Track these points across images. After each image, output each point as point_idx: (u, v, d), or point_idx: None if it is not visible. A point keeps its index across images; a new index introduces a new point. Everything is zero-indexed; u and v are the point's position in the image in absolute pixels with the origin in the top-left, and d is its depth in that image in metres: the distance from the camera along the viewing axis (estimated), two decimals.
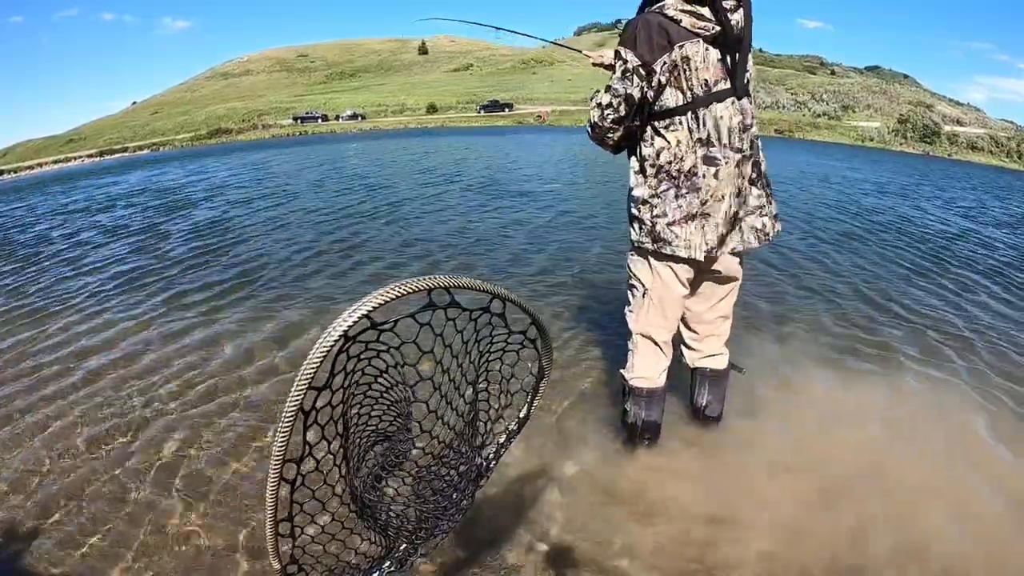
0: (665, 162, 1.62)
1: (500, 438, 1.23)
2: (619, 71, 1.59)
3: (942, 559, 1.46)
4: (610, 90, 1.62)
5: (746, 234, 1.67)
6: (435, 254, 4.77)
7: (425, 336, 0.84)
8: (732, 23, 1.53)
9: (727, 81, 1.58)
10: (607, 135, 1.70)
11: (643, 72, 1.56)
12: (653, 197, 1.65)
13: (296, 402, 0.69)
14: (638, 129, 1.69)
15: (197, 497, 1.83)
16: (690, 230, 1.62)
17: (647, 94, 1.59)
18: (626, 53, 1.57)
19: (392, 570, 1.13)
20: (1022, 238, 6.71)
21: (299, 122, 52.68)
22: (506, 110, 51.66)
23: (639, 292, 1.81)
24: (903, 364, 2.71)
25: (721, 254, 1.67)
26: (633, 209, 1.73)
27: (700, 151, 1.59)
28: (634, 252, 1.80)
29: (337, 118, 53.70)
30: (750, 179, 1.65)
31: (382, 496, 1.18)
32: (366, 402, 1.04)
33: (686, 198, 1.61)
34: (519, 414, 1.22)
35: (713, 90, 1.57)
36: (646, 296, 1.79)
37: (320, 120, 53.11)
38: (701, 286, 1.84)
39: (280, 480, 0.73)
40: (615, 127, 1.67)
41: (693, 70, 1.55)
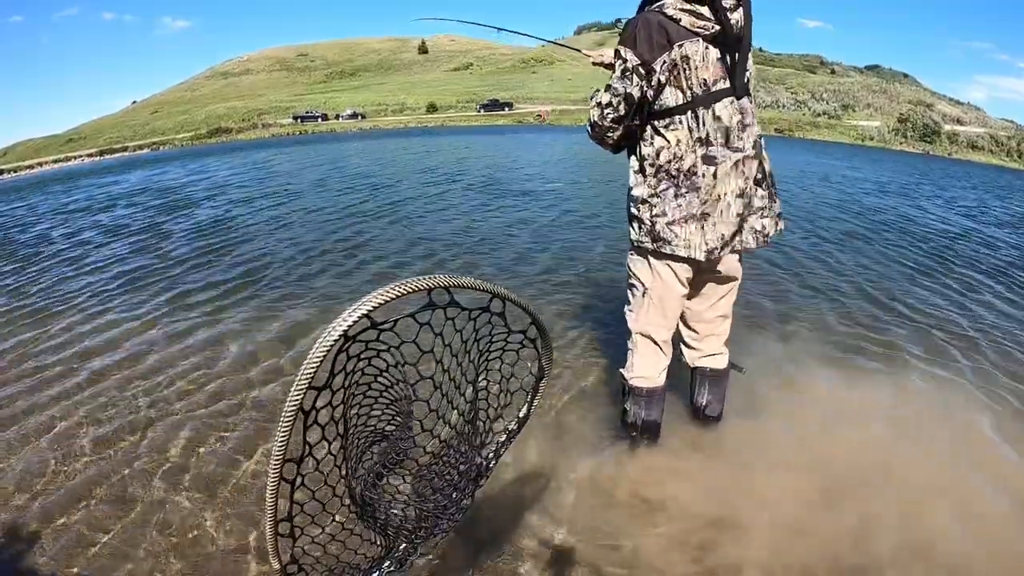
0: (665, 161, 1.61)
1: (500, 437, 1.23)
2: (619, 70, 1.59)
3: (945, 559, 1.46)
4: (610, 89, 1.62)
5: (745, 235, 1.67)
6: (439, 253, 4.76)
7: (425, 336, 0.84)
8: (732, 22, 1.53)
9: (727, 80, 1.58)
10: (607, 134, 1.70)
11: (643, 71, 1.56)
12: (652, 196, 1.65)
13: (296, 402, 0.69)
14: (638, 128, 1.68)
15: (206, 498, 1.82)
16: (690, 230, 1.61)
17: (647, 93, 1.59)
18: (626, 52, 1.57)
19: (392, 570, 1.13)
20: None
21: (299, 121, 52.65)
22: (506, 109, 51.62)
23: (639, 291, 1.81)
24: (907, 363, 2.71)
25: (724, 255, 1.66)
26: (632, 208, 1.73)
27: (700, 150, 1.59)
28: (634, 251, 1.80)
29: (337, 117, 53.67)
30: (755, 179, 1.64)
31: (382, 496, 1.18)
32: (366, 402, 1.04)
33: (685, 197, 1.60)
34: (519, 413, 1.22)
35: (713, 89, 1.57)
36: (646, 295, 1.79)
37: (320, 119, 53.06)
38: (701, 285, 1.84)
39: (280, 480, 0.73)
40: (615, 126, 1.67)
41: (693, 69, 1.54)
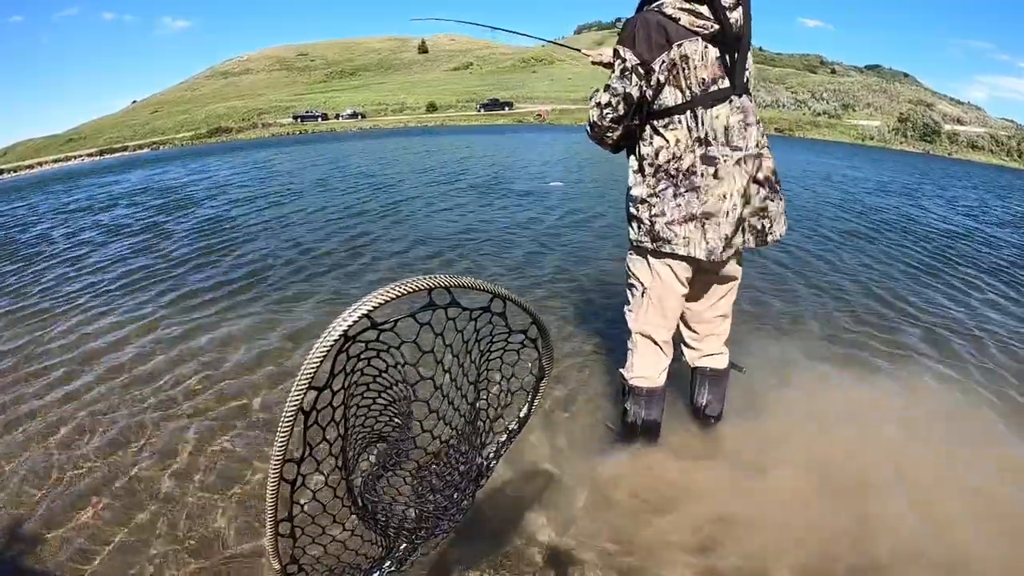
0: (664, 161, 1.61)
1: (501, 437, 1.23)
2: (618, 70, 1.59)
3: (946, 559, 1.46)
4: (609, 89, 1.62)
5: (747, 234, 1.66)
6: (445, 254, 4.73)
7: (425, 335, 0.84)
8: (731, 21, 1.53)
9: (727, 80, 1.57)
10: (606, 134, 1.70)
11: (642, 71, 1.56)
12: (651, 196, 1.65)
13: (296, 402, 0.69)
14: (637, 128, 1.68)
15: (215, 499, 1.80)
16: (689, 229, 1.61)
17: (646, 93, 1.58)
18: (625, 52, 1.57)
19: (392, 570, 1.13)
20: None
21: (299, 121, 52.69)
22: (506, 109, 51.64)
23: (638, 291, 1.81)
24: (912, 362, 2.70)
25: (726, 256, 1.64)
26: (632, 208, 1.72)
27: (699, 150, 1.58)
28: (633, 251, 1.80)
29: (337, 117, 53.70)
30: (757, 178, 1.63)
31: (382, 496, 1.17)
32: (365, 402, 1.04)
33: (684, 197, 1.60)
34: (520, 413, 1.22)
35: (712, 89, 1.56)
36: (645, 295, 1.78)
37: (320, 119, 53.09)
38: (701, 285, 1.84)
39: (280, 480, 0.72)
40: (614, 126, 1.67)
41: (692, 69, 1.54)
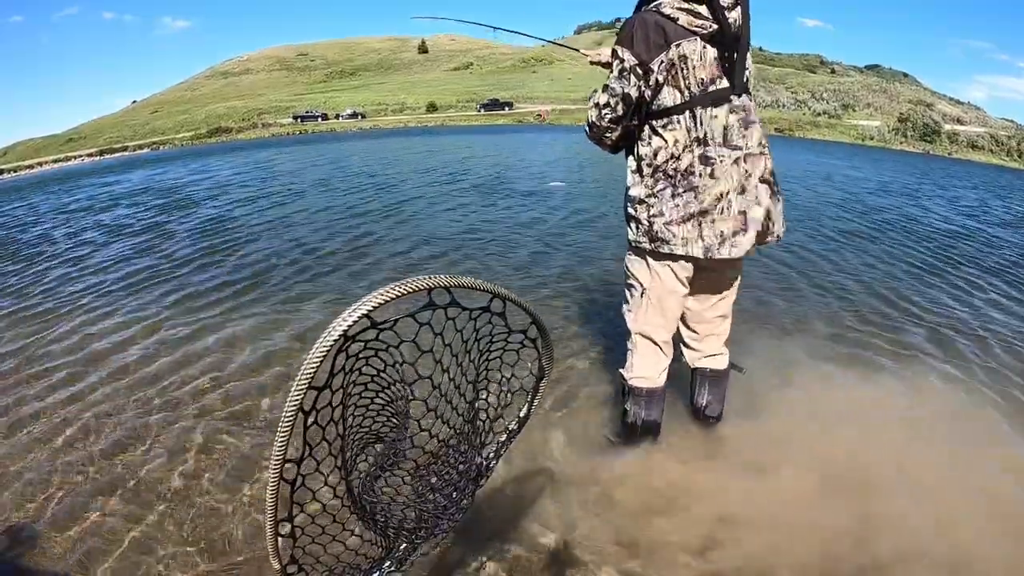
0: (662, 161, 1.61)
1: (500, 437, 1.23)
2: (616, 70, 1.59)
3: (950, 559, 1.46)
4: (607, 89, 1.62)
5: (746, 234, 1.63)
6: (450, 254, 4.71)
7: (425, 335, 0.84)
8: (730, 21, 1.52)
9: (726, 79, 1.57)
10: (605, 135, 1.70)
11: (640, 71, 1.55)
12: (650, 196, 1.64)
13: (296, 402, 0.69)
14: (636, 128, 1.68)
15: (224, 499, 1.78)
16: (687, 228, 1.60)
17: (644, 93, 1.58)
18: (623, 52, 1.56)
19: (392, 570, 1.13)
20: None
21: (299, 121, 52.69)
22: (506, 109, 51.64)
23: (637, 292, 1.81)
24: (913, 362, 2.70)
25: (726, 255, 1.62)
26: (630, 209, 1.72)
27: (698, 150, 1.58)
28: (631, 252, 1.79)
29: (337, 117, 53.71)
30: (758, 177, 1.62)
31: (382, 496, 1.17)
32: (364, 402, 1.04)
33: (683, 197, 1.59)
34: (519, 413, 1.22)
35: (711, 89, 1.56)
36: (644, 296, 1.78)
37: (320, 119, 53.10)
38: (701, 285, 1.83)
39: (280, 480, 0.72)
40: (613, 127, 1.66)
41: (691, 69, 1.54)
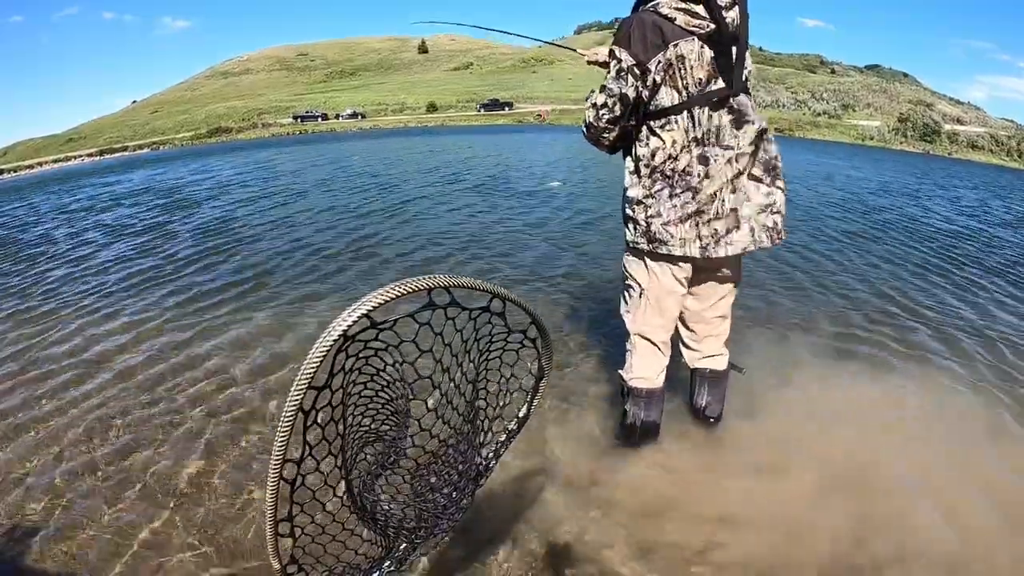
0: (660, 162, 1.61)
1: (500, 437, 1.23)
2: (613, 71, 1.59)
3: (957, 557, 1.46)
4: (605, 90, 1.62)
5: (757, 233, 1.63)
6: (456, 255, 4.70)
7: (425, 335, 0.84)
8: (727, 20, 1.52)
9: (723, 79, 1.56)
10: (602, 135, 1.70)
11: (637, 72, 1.55)
12: (647, 197, 1.64)
13: (296, 402, 0.69)
14: (633, 129, 1.68)
15: (232, 502, 1.76)
16: (685, 229, 1.61)
17: (642, 93, 1.58)
18: (620, 52, 1.56)
19: (392, 570, 1.13)
20: None
21: (299, 121, 52.68)
22: (506, 109, 51.62)
23: (635, 293, 1.81)
24: (916, 361, 2.70)
25: (722, 253, 1.63)
26: (628, 209, 1.72)
27: (695, 150, 1.58)
28: (629, 252, 1.79)
29: (337, 117, 53.69)
30: (751, 175, 1.62)
31: (382, 495, 1.18)
32: (363, 401, 1.04)
33: (680, 197, 1.60)
34: (519, 413, 1.22)
35: (708, 88, 1.56)
36: (643, 296, 1.78)
37: (320, 119, 53.07)
38: (700, 285, 1.83)
39: (280, 480, 0.72)
40: (610, 127, 1.66)
41: (688, 69, 1.54)
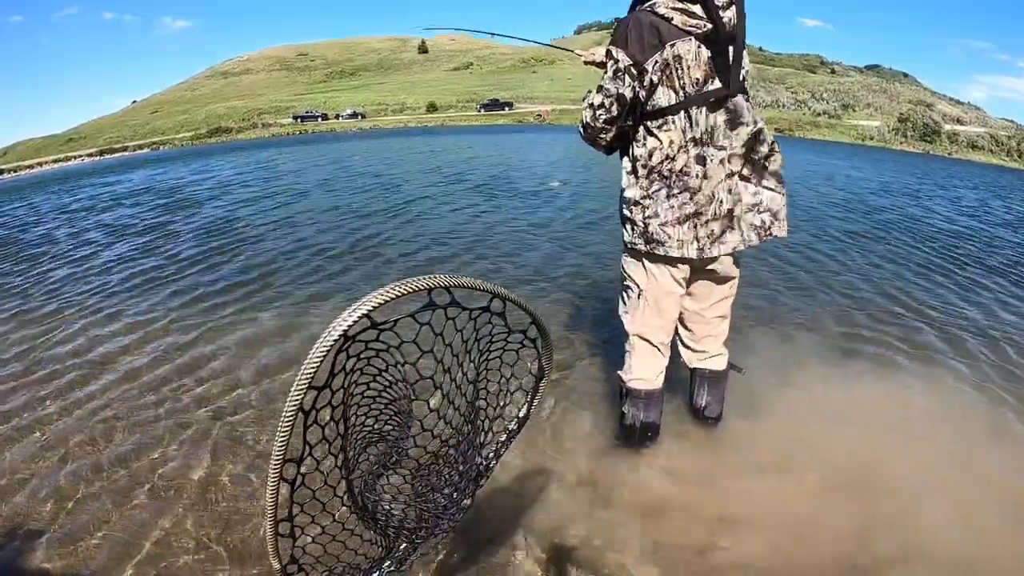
0: (657, 162, 1.61)
1: (500, 437, 1.23)
2: (610, 71, 1.59)
3: (948, 560, 1.46)
4: (602, 90, 1.61)
5: (746, 232, 1.65)
6: (461, 255, 4.69)
7: (425, 335, 0.84)
8: (724, 20, 1.52)
9: (720, 79, 1.56)
10: (599, 135, 1.69)
11: (635, 72, 1.55)
12: (645, 198, 1.64)
13: (296, 402, 0.69)
14: (630, 129, 1.68)
15: (240, 503, 1.76)
16: (682, 230, 1.61)
17: (639, 94, 1.58)
18: (617, 52, 1.56)
19: (392, 570, 1.13)
20: None
21: (299, 121, 52.65)
22: (506, 109, 51.59)
23: (634, 294, 1.80)
24: (921, 361, 2.70)
25: (715, 253, 1.64)
26: (625, 210, 1.72)
27: (693, 151, 1.58)
28: (627, 253, 1.79)
29: (337, 117, 53.66)
30: (742, 175, 1.62)
31: (382, 496, 1.18)
32: (365, 401, 1.04)
33: (677, 198, 1.59)
34: (519, 414, 1.22)
35: (705, 88, 1.56)
36: (641, 297, 1.78)
37: (320, 119, 53.05)
38: (698, 286, 1.83)
39: (280, 480, 0.72)
40: (607, 127, 1.66)
41: (685, 69, 1.53)
